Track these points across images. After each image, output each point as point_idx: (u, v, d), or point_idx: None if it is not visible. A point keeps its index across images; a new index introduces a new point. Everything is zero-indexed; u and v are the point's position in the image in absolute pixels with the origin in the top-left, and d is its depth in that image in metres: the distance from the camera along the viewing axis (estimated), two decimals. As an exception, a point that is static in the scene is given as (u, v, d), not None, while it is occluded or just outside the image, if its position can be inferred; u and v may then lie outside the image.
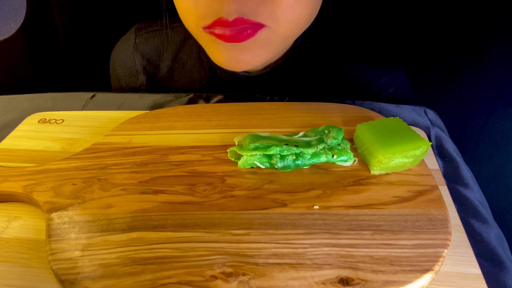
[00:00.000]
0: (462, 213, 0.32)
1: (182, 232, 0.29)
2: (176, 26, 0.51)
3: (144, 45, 0.53)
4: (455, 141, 0.41)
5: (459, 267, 0.27)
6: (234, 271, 0.26)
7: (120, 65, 0.54)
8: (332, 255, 0.27)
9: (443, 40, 0.59)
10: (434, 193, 0.31)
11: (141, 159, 0.36)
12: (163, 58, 0.53)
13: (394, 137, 0.33)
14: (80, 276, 0.26)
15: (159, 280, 0.26)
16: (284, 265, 0.26)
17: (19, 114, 0.45)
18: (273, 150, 0.33)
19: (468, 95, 0.61)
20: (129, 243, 0.28)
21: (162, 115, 0.42)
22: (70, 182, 0.33)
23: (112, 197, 0.32)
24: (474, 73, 0.59)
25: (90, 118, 0.44)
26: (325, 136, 0.35)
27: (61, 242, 0.28)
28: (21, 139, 0.41)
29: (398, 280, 0.25)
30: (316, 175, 0.33)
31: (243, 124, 0.40)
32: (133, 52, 0.53)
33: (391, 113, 0.44)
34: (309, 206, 0.30)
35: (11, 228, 0.31)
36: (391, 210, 0.30)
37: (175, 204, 0.31)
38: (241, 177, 0.34)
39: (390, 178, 0.33)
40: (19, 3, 0.51)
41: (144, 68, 0.53)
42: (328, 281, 0.25)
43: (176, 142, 0.38)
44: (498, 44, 0.56)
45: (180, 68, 0.52)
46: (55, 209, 0.31)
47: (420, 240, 0.27)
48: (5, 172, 0.34)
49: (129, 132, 0.39)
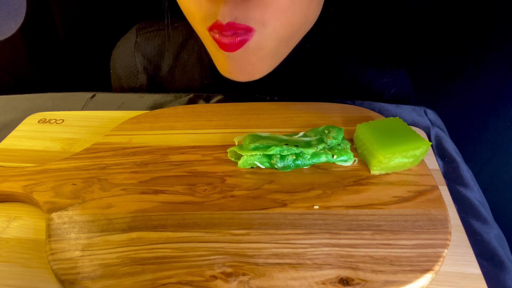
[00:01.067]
0: (462, 213, 0.32)
1: (182, 232, 0.29)
2: (177, 25, 0.51)
3: (145, 44, 0.53)
4: (455, 141, 0.41)
5: (459, 267, 0.27)
6: (234, 271, 0.26)
7: (121, 65, 0.54)
8: (332, 255, 0.27)
9: (443, 40, 0.59)
10: (434, 193, 0.31)
11: (141, 159, 0.36)
12: (164, 58, 0.53)
13: (394, 137, 0.33)
14: (80, 276, 0.26)
15: (159, 280, 0.26)
16: (284, 265, 0.26)
17: (19, 114, 0.45)
18: (273, 150, 0.33)
19: (468, 95, 0.61)
20: (129, 243, 0.28)
21: (162, 115, 0.42)
22: (70, 182, 0.33)
23: (112, 197, 0.32)
24: (474, 73, 0.59)
25: (90, 118, 0.44)
26: (325, 136, 0.35)
27: (61, 242, 0.28)
28: (21, 139, 0.41)
29: (398, 280, 0.25)
30: (316, 175, 0.33)
31: (243, 124, 0.40)
32: (133, 52, 0.53)
33: (391, 113, 0.44)
34: (309, 206, 0.30)
35: (11, 228, 0.31)
36: (391, 210, 0.30)
37: (175, 204, 0.31)
38: (241, 177, 0.34)
39: (390, 178, 0.33)
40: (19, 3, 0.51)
41: (145, 67, 0.53)
42: (328, 281, 0.25)
43: (176, 142, 0.38)
44: (498, 44, 0.56)
45: (181, 68, 0.52)
46: (55, 209, 0.31)
47: (420, 240, 0.27)
48: (5, 172, 0.34)
49: (129, 132, 0.39)
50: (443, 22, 0.58)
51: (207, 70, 0.50)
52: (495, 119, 0.60)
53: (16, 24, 0.52)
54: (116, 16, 0.68)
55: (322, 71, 0.50)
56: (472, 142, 0.63)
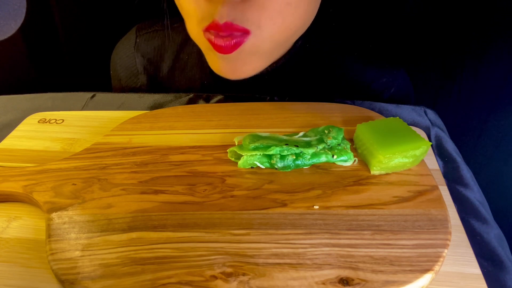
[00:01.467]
0: (462, 213, 0.32)
1: (182, 232, 0.29)
2: (177, 26, 0.51)
3: (145, 45, 0.53)
4: (455, 141, 0.41)
5: (459, 267, 0.27)
6: (234, 271, 0.26)
7: (121, 65, 0.54)
8: (332, 255, 0.27)
9: (443, 40, 0.59)
10: (434, 193, 0.31)
11: (141, 159, 0.36)
12: (164, 58, 0.53)
13: (394, 137, 0.33)
14: (80, 276, 0.26)
15: (159, 280, 0.26)
16: (284, 265, 0.26)
17: (19, 114, 0.45)
18: (273, 150, 0.33)
19: (468, 95, 0.61)
20: (129, 243, 0.28)
21: (162, 115, 0.42)
22: (70, 182, 0.33)
23: (112, 197, 0.32)
24: (474, 73, 0.59)
25: (90, 118, 0.44)
26: (325, 136, 0.35)
27: (61, 242, 0.28)
28: (21, 139, 0.41)
29: (398, 280, 0.25)
30: (316, 175, 0.33)
31: (243, 124, 0.40)
32: (133, 52, 0.53)
33: (391, 113, 0.44)
34: (309, 206, 0.30)
35: (11, 228, 0.31)
36: (391, 210, 0.30)
37: (175, 204, 0.31)
38: (241, 177, 0.34)
39: (390, 178, 0.33)
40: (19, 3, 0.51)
41: (145, 68, 0.53)
42: (328, 281, 0.25)
43: (176, 142, 0.38)
44: (498, 44, 0.56)
45: (181, 68, 0.52)
46: (55, 209, 0.31)
47: (420, 240, 0.27)
48: (5, 172, 0.34)
49: (129, 132, 0.39)
50: (443, 22, 0.58)
51: (207, 70, 0.50)
52: (495, 119, 0.60)
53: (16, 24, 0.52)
54: (116, 16, 0.68)
55: (322, 71, 0.50)
56: (472, 142, 0.63)
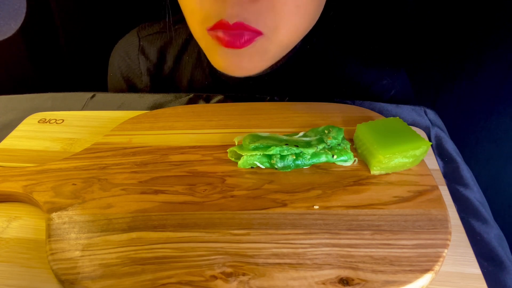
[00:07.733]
0: (462, 213, 0.32)
1: (182, 232, 0.29)
2: (178, 27, 0.52)
3: (148, 47, 0.53)
4: (455, 141, 0.41)
5: (459, 267, 0.27)
6: (234, 271, 0.26)
7: (124, 67, 0.54)
8: (332, 255, 0.27)
9: (443, 40, 0.59)
10: (434, 193, 0.31)
11: (141, 159, 0.36)
12: (166, 60, 0.53)
13: (394, 137, 0.33)
14: (80, 276, 0.26)
15: (159, 280, 0.26)
16: (284, 265, 0.26)
17: (19, 114, 0.45)
18: (273, 150, 0.33)
19: (468, 95, 0.61)
20: (129, 243, 0.28)
21: (162, 115, 0.42)
22: (70, 182, 0.33)
23: (112, 197, 0.32)
24: (474, 73, 0.59)
25: (90, 118, 0.44)
26: (325, 136, 0.35)
27: (61, 242, 0.28)
28: (21, 139, 0.41)
29: (398, 280, 0.25)
30: (316, 175, 0.33)
31: (243, 124, 0.40)
32: (138, 54, 0.53)
33: (391, 113, 0.44)
34: (309, 206, 0.30)
35: (11, 228, 0.31)
36: (391, 210, 0.30)
37: (175, 204, 0.31)
38: (241, 177, 0.34)
39: (390, 178, 0.33)
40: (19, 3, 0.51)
41: (148, 69, 0.54)
42: (328, 281, 0.25)
43: (176, 142, 0.38)
44: (498, 44, 0.56)
45: (182, 69, 0.52)
46: (55, 209, 0.31)
47: (420, 240, 0.27)
48: (5, 172, 0.34)
49: (129, 132, 0.39)
50: (443, 23, 0.58)
51: (207, 71, 0.50)
52: (495, 119, 0.60)
53: (16, 24, 0.52)
54: (116, 16, 0.68)
55: (322, 73, 0.50)
56: (472, 142, 0.63)
